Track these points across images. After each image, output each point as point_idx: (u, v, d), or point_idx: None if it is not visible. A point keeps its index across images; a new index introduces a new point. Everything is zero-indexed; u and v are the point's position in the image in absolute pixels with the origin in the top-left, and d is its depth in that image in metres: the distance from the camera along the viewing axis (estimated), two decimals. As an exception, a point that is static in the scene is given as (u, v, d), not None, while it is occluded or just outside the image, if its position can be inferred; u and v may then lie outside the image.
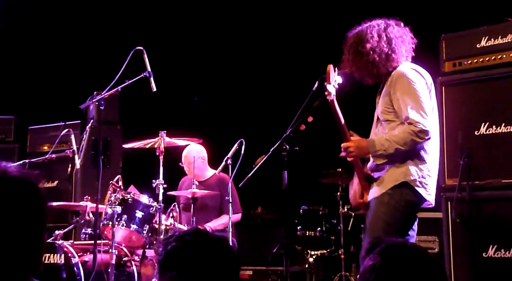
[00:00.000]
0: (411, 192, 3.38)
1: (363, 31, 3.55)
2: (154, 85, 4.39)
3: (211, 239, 1.77)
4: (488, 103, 3.72)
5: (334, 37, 3.94)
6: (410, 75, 3.41)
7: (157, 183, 4.79)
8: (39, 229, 1.33)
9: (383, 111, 3.48)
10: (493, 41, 3.74)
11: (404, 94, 3.35)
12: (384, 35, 3.51)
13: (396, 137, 3.33)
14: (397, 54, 3.50)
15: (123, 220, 4.72)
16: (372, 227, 3.42)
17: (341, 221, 5.77)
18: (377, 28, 3.53)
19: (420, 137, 3.29)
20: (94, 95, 5.01)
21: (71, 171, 5.79)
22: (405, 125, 3.32)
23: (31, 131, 6.72)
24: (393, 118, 3.42)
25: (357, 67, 3.54)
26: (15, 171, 1.30)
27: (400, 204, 3.38)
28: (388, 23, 3.58)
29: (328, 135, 6.11)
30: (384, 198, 3.41)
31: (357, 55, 3.52)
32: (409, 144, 3.31)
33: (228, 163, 4.96)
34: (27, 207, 1.29)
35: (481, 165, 3.67)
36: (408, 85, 3.37)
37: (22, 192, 1.29)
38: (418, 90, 3.36)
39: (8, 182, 1.28)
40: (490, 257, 3.59)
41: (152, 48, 4.71)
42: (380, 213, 3.40)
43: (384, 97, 3.48)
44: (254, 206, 6.66)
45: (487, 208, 3.64)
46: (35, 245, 1.31)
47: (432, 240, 4.79)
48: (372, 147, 3.40)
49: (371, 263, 1.71)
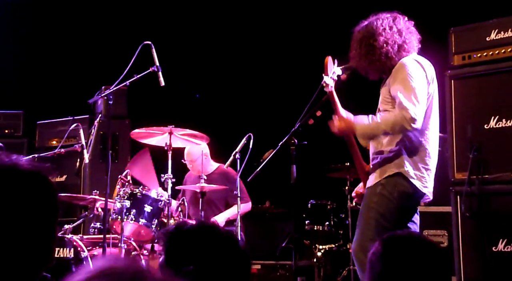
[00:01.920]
0: (406, 182, 3.35)
1: (373, 24, 3.52)
2: (163, 80, 4.39)
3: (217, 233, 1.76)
4: (498, 97, 3.70)
5: (342, 31, 3.92)
6: (409, 65, 3.39)
7: (165, 178, 4.80)
8: (51, 222, 1.33)
9: (382, 101, 3.48)
10: (503, 34, 3.71)
11: (400, 82, 3.34)
12: (394, 26, 3.49)
13: (386, 121, 3.31)
14: (409, 45, 3.48)
15: (132, 214, 4.73)
16: (364, 216, 3.40)
17: (349, 215, 5.77)
18: (386, 20, 3.52)
19: (410, 124, 3.24)
20: (103, 90, 5.03)
21: (80, 166, 5.80)
22: (397, 109, 3.30)
23: (39, 126, 6.75)
24: (391, 107, 3.40)
25: (369, 61, 3.51)
26: (27, 164, 1.31)
27: (393, 195, 3.35)
28: (395, 15, 3.56)
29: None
30: (376, 188, 3.39)
31: (370, 48, 3.49)
32: (397, 129, 3.29)
33: (236, 158, 4.96)
34: (38, 200, 1.30)
35: (490, 159, 3.65)
36: (405, 74, 3.35)
37: (33, 185, 1.29)
38: (414, 80, 3.33)
39: (20, 175, 1.29)
40: (500, 251, 3.57)
41: (160, 43, 4.70)
42: (372, 203, 3.38)
43: (385, 87, 3.48)
44: (262, 200, 6.66)
45: (497, 202, 3.63)
46: (47, 238, 1.32)
47: (441, 234, 4.77)
48: (359, 126, 3.40)
49: (375, 251, 1.74)
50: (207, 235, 1.74)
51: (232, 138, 5.33)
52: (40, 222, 1.29)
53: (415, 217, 3.52)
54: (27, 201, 1.27)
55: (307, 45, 7.02)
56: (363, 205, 3.44)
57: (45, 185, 1.31)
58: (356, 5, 6.09)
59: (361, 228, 3.40)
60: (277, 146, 3.76)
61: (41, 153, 5.22)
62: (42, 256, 1.30)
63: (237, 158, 4.96)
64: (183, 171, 5.81)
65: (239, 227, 4.92)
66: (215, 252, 1.72)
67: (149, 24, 7.24)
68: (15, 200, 1.26)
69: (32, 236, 1.28)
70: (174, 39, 7.32)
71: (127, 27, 7.29)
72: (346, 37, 3.70)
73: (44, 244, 1.30)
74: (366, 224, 3.36)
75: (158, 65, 4.38)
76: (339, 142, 3.75)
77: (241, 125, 6.03)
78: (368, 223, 3.34)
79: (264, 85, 7.34)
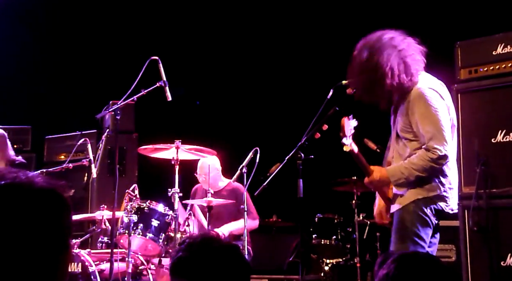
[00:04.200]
0: (433, 204, 3.44)
1: (379, 61, 3.40)
2: (170, 95, 4.41)
3: (219, 246, 1.77)
4: (505, 111, 3.69)
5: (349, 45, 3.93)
6: (428, 96, 3.39)
7: (172, 192, 4.80)
8: (64, 239, 1.34)
9: (402, 129, 3.50)
10: (510, 48, 3.70)
11: (423, 118, 3.36)
12: (402, 62, 3.43)
13: (415, 165, 3.38)
14: (415, 74, 3.45)
15: (139, 229, 4.74)
16: (399, 235, 3.44)
17: (356, 229, 5.75)
18: (393, 55, 3.42)
19: (438, 163, 3.36)
20: (110, 105, 5.06)
21: (88, 180, 5.83)
22: (423, 152, 3.36)
23: (48, 141, 6.79)
24: (413, 137, 3.47)
25: (376, 95, 3.52)
26: (42, 182, 1.33)
27: (424, 212, 3.42)
28: (399, 37, 3.49)
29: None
30: (409, 207, 3.45)
31: (374, 85, 3.46)
32: (429, 171, 3.38)
33: (243, 172, 4.96)
34: (52, 217, 1.31)
35: (498, 173, 3.63)
36: (427, 108, 3.37)
37: (48, 202, 1.31)
38: (437, 113, 3.37)
39: (34, 192, 1.31)
40: (509, 265, 3.54)
41: (167, 58, 4.74)
42: (407, 222, 3.44)
43: (403, 115, 3.47)
44: (269, 214, 6.66)
45: (505, 216, 3.60)
46: (61, 255, 1.33)
47: (449, 248, 4.75)
48: (392, 176, 3.45)
49: (385, 271, 1.73)
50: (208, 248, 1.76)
51: (239, 152, 5.34)
52: (53, 238, 1.31)
53: (437, 232, 3.59)
54: (41, 217, 1.29)
55: (314, 60, 7.04)
56: (397, 223, 3.49)
57: (59, 202, 1.33)
58: (361, 20, 6.12)
59: (397, 247, 3.44)
60: (284, 160, 3.77)
61: (49, 167, 5.24)
62: (55, 272, 1.31)
63: (244, 172, 4.96)
64: (190, 185, 5.82)
65: (246, 241, 4.92)
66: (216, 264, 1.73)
67: (155, 39, 7.29)
68: (29, 217, 1.28)
69: (45, 253, 1.29)
70: (181, 52, 7.36)
71: (134, 43, 7.34)
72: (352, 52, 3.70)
73: (57, 260, 1.32)
74: (401, 242, 3.41)
75: (165, 80, 4.41)
76: (346, 157, 3.75)
77: (248, 139, 6.04)
78: (404, 241, 3.40)
79: (271, 100, 7.36)
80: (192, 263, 1.74)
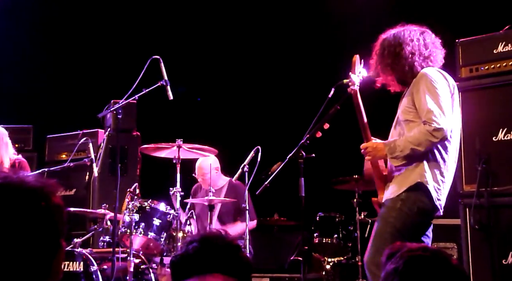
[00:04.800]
0: (425, 197, 3.34)
1: (401, 34, 3.51)
2: (171, 94, 4.42)
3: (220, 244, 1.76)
4: (506, 109, 3.70)
5: (351, 44, 3.94)
6: (432, 74, 3.39)
7: (174, 191, 4.81)
8: (56, 238, 1.34)
9: (403, 110, 3.45)
10: (510, 46, 3.72)
11: (424, 92, 3.32)
12: (422, 39, 3.49)
13: (412, 138, 3.30)
14: (434, 58, 3.48)
15: (141, 228, 4.75)
16: (380, 231, 3.38)
17: (357, 227, 5.75)
18: (414, 32, 3.51)
19: (435, 136, 3.24)
20: (111, 104, 5.06)
21: (89, 179, 5.84)
22: (421, 125, 3.30)
23: (49, 140, 6.79)
24: (413, 118, 3.39)
25: (392, 70, 3.51)
26: (33, 181, 1.33)
27: (412, 211, 3.34)
28: (423, 29, 3.56)
29: (344, 142, 6.13)
30: (396, 203, 3.37)
31: (395, 58, 3.48)
32: (425, 144, 3.27)
33: (244, 171, 4.97)
34: (44, 216, 1.31)
35: (499, 171, 3.65)
36: (429, 83, 3.34)
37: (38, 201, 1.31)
38: (438, 89, 3.33)
39: (25, 192, 1.31)
40: (510, 263, 3.56)
41: (169, 57, 4.75)
42: (390, 218, 3.37)
43: (406, 97, 3.47)
44: (271, 213, 6.66)
45: (506, 214, 3.61)
46: (53, 254, 1.33)
47: (451, 247, 4.76)
48: (388, 148, 3.38)
49: (394, 266, 1.71)
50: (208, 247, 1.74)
51: (240, 151, 5.35)
52: (45, 237, 1.31)
53: (428, 230, 3.52)
54: (32, 217, 1.29)
55: (315, 59, 7.05)
56: (380, 218, 3.43)
57: (50, 201, 1.33)
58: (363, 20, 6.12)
59: (376, 242, 3.38)
60: (285, 159, 3.77)
61: (51, 167, 5.25)
62: (47, 271, 1.32)
63: (245, 171, 4.97)
64: (192, 184, 5.83)
65: (248, 240, 4.92)
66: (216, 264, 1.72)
67: (157, 37, 7.29)
68: (20, 217, 1.28)
69: (37, 252, 1.30)
70: (183, 51, 7.37)
71: (135, 42, 7.35)
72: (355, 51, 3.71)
73: (49, 259, 1.32)
74: (381, 238, 3.34)
75: (166, 79, 4.42)
76: (347, 155, 3.76)
77: (249, 138, 6.05)
78: (384, 237, 3.33)
79: (272, 99, 7.36)
80: (192, 261, 1.74)
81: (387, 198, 3.45)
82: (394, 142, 3.39)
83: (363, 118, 3.48)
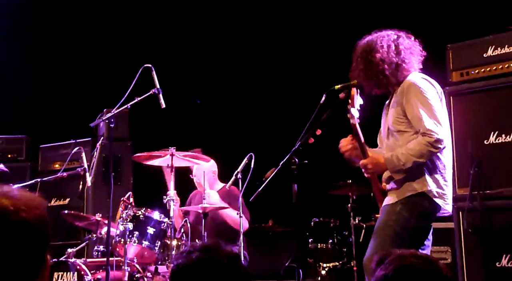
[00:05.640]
0: (427, 202, 3.36)
1: (373, 41, 3.56)
2: (163, 102, 4.42)
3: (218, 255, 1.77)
4: (497, 112, 3.72)
5: (341, 51, 3.95)
6: (420, 84, 3.42)
7: (167, 199, 4.80)
8: (40, 252, 1.32)
9: (394, 121, 3.47)
10: (500, 50, 3.74)
11: (417, 104, 3.35)
12: (393, 45, 3.51)
13: (412, 150, 3.31)
14: (407, 64, 3.50)
15: (135, 237, 4.73)
16: (380, 233, 3.39)
17: (352, 232, 5.76)
18: (387, 38, 3.54)
19: (435, 147, 3.28)
20: (104, 113, 5.06)
21: (83, 189, 5.81)
22: (420, 137, 3.31)
23: (42, 150, 6.77)
24: (406, 128, 3.41)
25: (367, 77, 3.54)
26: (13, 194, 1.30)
27: (412, 214, 3.35)
28: (399, 34, 3.58)
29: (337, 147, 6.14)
30: (396, 206, 3.39)
31: (367, 64, 3.52)
32: (426, 155, 3.30)
33: (238, 177, 4.97)
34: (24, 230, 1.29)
35: (491, 174, 3.66)
36: (420, 94, 3.37)
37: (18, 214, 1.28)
38: (430, 99, 3.36)
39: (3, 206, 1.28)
40: (504, 266, 3.57)
41: (161, 64, 4.75)
42: (390, 221, 3.38)
43: (395, 107, 3.47)
44: (265, 219, 6.66)
45: (499, 217, 3.63)
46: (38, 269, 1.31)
47: (445, 250, 4.76)
48: (389, 163, 3.38)
49: (383, 273, 1.72)
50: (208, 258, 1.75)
51: (233, 158, 5.35)
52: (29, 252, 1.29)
53: (429, 234, 3.53)
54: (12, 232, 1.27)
55: (307, 65, 7.06)
56: (381, 221, 3.44)
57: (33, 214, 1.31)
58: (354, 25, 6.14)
59: (375, 244, 3.39)
60: (279, 165, 3.78)
61: (44, 176, 5.23)
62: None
63: (238, 178, 4.97)
64: (186, 192, 5.82)
65: (242, 246, 4.92)
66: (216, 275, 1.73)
67: (150, 47, 7.30)
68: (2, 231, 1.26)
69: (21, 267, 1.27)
70: (176, 61, 7.37)
71: (127, 50, 7.35)
72: (346, 57, 3.73)
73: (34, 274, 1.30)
74: (381, 240, 3.35)
75: (158, 88, 4.42)
76: (340, 160, 3.77)
77: (242, 145, 6.05)
78: (384, 240, 3.34)
79: (265, 106, 7.37)
80: (191, 272, 1.74)
81: (386, 204, 3.46)
82: (394, 156, 3.38)
83: (361, 141, 3.49)
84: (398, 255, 1.74)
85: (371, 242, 3.43)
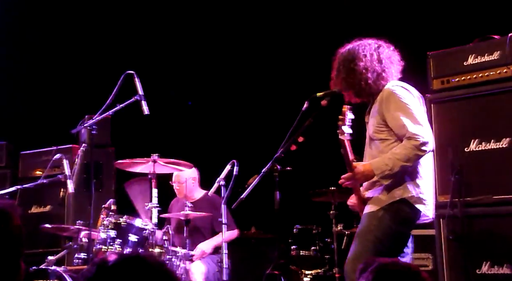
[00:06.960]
0: (408, 208, 3.40)
1: (355, 49, 3.58)
2: (146, 108, 4.40)
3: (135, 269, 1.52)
4: (477, 120, 3.75)
5: (323, 58, 3.97)
6: (398, 91, 3.47)
7: (150, 206, 4.78)
8: (15, 259, 1.31)
9: (375, 130, 3.50)
10: (480, 58, 3.78)
11: (397, 110, 3.38)
12: (376, 54, 3.55)
13: (399, 155, 3.34)
14: (387, 74, 3.55)
15: (117, 244, 4.70)
16: (362, 239, 3.41)
17: (335, 239, 5.76)
18: (369, 47, 3.58)
19: (422, 150, 3.32)
20: (86, 119, 5.02)
21: (64, 196, 5.76)
22: (405, 141, 3.34)
23: (23, 156, 6.70)
24: (387, 136, 3.45)
25: (349, 85, 3.56)
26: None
27: (395, 221, 3.38)
28: (379, 43, 3.62)
29: (319, 154, 6.16)
30: (378, 212, 3.41)
31: (350, 72, 3.55)
32: (413, 159, 3.34)
33: (220, 185, 4.96)
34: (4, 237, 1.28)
35: (472, 182, 3.69)
36: (399, 101, 3.41)
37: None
38: (409, 105, 3.41)
39: None
40: (484, 273, 3.59)
41: (143, 70, 4.73)
42: (372, 226, 3.40)
43: (375, 116, 3.50)
44: (248, 226, 6.65)
45: (479, 224, 3.65)
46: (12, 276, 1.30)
47: (426, 257, 4.79)
48: (377, 169, 3.39)
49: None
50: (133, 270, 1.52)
51: (216, 165, 5.34)
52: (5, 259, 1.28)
53: (409, 241, 3.56)
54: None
55: (289, 72, 7.08)
56: (362, 226, 3.45)
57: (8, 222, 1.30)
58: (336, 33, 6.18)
59: (356, 250, 3.40)
60: (261, 172, 3.78)
61: (25, 183, 5.17)
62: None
63: (221, 185, 4.96)
64: (167, 199, 5.80)
65: (225, 254, 4.90)
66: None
67: (133, 54, 7.27)
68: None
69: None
70: (157, 67, 7.36)
71: (110, 56, 7.32)
72: (329, 65, 3.75)
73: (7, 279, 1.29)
74: (362, 246, 3.37)
75: (141, 94, 4.40)
76: (323, 167, 3.78)
77: (225, 152, 6.04)
78: (365, 245, 3.35)
79: (247, 113, 7.38)
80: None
81: (367, 211, 3.47)
82: (380, 161, 3.40)
83: (349, 158, 3.46)
84: (379, 263, 1.76)
85: (352, 246, 3.45)
